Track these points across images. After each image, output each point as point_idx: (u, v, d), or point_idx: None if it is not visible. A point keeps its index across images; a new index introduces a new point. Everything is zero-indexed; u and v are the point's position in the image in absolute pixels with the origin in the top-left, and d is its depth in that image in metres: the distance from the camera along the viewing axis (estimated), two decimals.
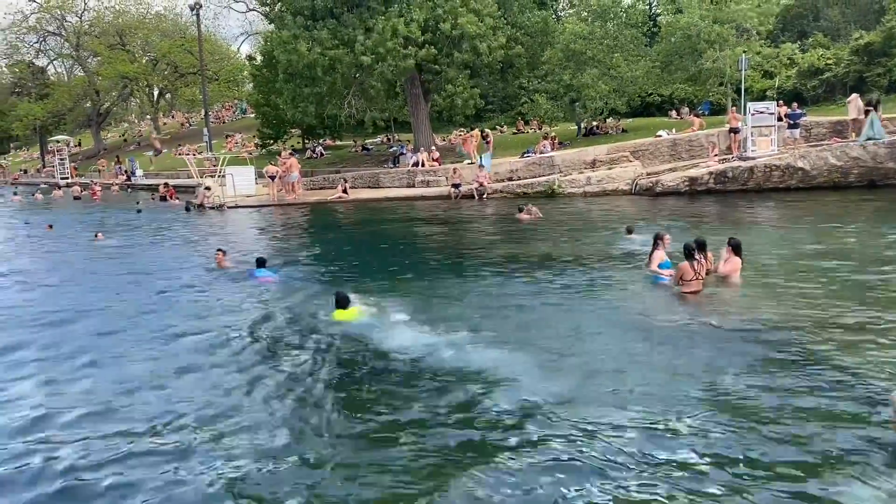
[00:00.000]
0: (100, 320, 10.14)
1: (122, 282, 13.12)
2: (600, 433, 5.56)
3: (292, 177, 29.10)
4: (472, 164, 27.83)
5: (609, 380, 6.72)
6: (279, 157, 32.38)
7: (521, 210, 18.84)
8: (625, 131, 32.62)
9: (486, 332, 8.41)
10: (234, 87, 62.52)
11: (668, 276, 10.20)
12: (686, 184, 22.22)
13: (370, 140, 44.92)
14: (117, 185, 44.78)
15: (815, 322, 8.11)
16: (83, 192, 38.95)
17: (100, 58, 62.54)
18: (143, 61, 63.36)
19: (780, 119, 23.38)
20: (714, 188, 21.86)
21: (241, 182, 29.95)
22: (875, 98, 22.33)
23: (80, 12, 64.10)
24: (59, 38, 65.65)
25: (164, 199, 32.24)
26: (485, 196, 24.91)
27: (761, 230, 15.40)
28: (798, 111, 24.64)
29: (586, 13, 32.64)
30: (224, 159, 32.13)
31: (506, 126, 42.70)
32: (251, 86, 52.55)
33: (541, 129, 37.48)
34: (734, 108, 26.30)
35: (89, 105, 66.18)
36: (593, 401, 6.26)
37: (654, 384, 6.53)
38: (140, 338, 9.03)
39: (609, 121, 33.96)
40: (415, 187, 28.21)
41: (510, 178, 26.53)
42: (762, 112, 22.41)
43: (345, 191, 27.45)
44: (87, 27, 64.25)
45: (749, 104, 23.17)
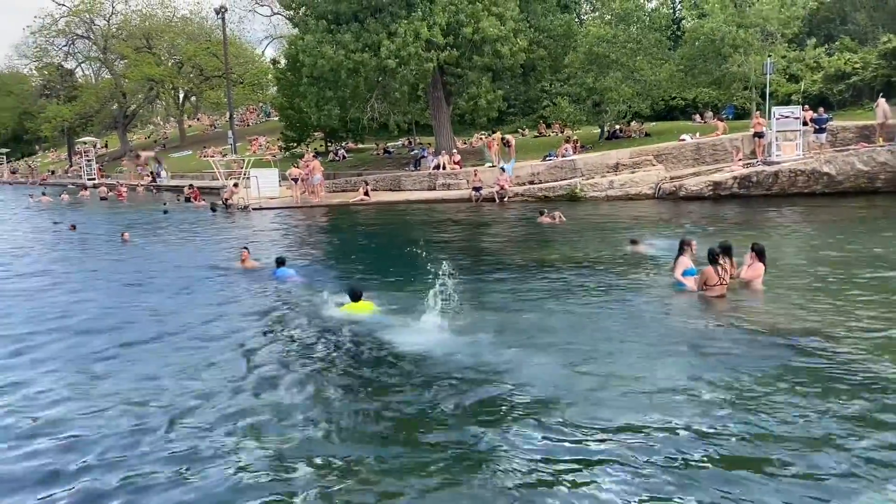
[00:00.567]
0: (124, 317, 10.28)
1: (146, 280, 13.32)
2: (620, 434, 5.55)
3: (315, 179, 29.34)
4: (493, 167, 27.86)
5: (629, 382, 6.69)
6: (301, 159, 32.66)
7: (543, 213, 18.83)
8: (648, 135, 32.45)
9: (507, 334, 8.41)
10: (259, 90, 63.16)
11: (690, 284, 10.07)
12: (710, 188, 22.08)
13: (392, 143, 45.10)
14: (143, 186, 45.43)
15: (839, 328, 8.03)
16: (109, 193, 39.51)
17: (126, 60, 63.52)
18: (169, 64, 64.18)
19: (805, 124, 23.16)
20: (738, 193, 21.70)
21: (265, 184, 30.31)
22: None
23: (107, 16, 65.19)
24: (87, 41, 66.81)
25: (188, 200, 32.64)
26: (506, 199, 24.91)
27: (785, 235, 15.25)
28: (824, 116, 24.40)
29: (609, 16, 32.53)
30: (248, 162, 32.51)
31: (527, 129, 42.66)
32: (275, 89, 53.02)
33: (562, 132, 37.40)
34: (759, 113, 26.08)
35: (116, 107, 67.20)
36: (613, 403, 6.23)
37: (675, 388, 6.50)
38: (160, 334, 9.18)
39: (632, 124, 33.81)
40: (436, 190, 28.29)
41: (531, 182, 26.52)
42: (787, 116, 22.23)
43: (366, 193, 27.60)
44: (114, 30, 65.31)
45: (774, 108, 22.98)
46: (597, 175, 25.30)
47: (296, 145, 44.86)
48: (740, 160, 23.82)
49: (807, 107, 25.48)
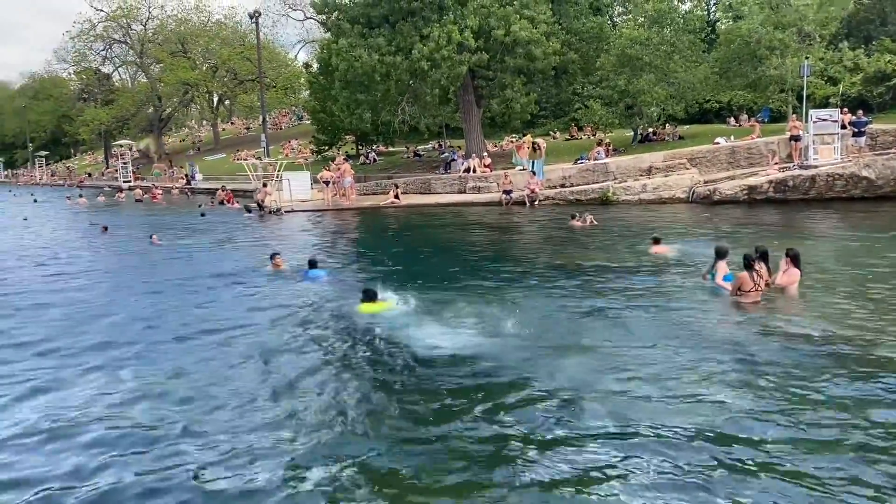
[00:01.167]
0: (152, 315, 10.48)
1: (177, 281, 13.48)
2: (646, 437, 5.49)
3: (346, 182, 29.53)
4: (523, 170, 27.77)
5: (660, 386, 6.61)
6: (333, 162, 32.89)
7: (574, 217, 18.71)
8: (681, 138, 32.07)
9: (536, 336, 8.36)
10: (291, 94, 63.86)
11: (729, 290, 9.95)
12: (745, 192, 21.75)
13: (422, 146, 45.22)
14: (177, 188, 46.15)
15: (876, 335, 7.84)
16: (144, 196, 40.20)
17: (162, 65, 64.72)
18: (204, 68, 65.19)
19: (843, 127, 22.71)
20: (774, 197, 21.34)
21: (297, 187, 30.65)
22: None
23: (144, 21, 66.51)
24: (124, 45, 68.22)
25: (222, 202, 33.06)
26: (536, 203, 24.80)
27: (822, 241, 14.96)
28: (863, 119, 23.87)
29: (642, 18, 32.23)
30: (281, 165, 32.86)
31: (559, 132, 42.47)
32: (307, 93, 53.54)
33: (594, 135, 37.15)
34: (795, 116, 25.63)
35: (151, 110, 68.46)
36: (642, 406, 6.16)
37: (703, 393, 6.41)
38: (188, 333, 9.32)
39: (666, 127, 33.45)
40: (466, 193, 28.27)
41: (562, 185, 26.37)
42: (824, 120, 21.82)
43: (397, 196, 27.70)
44: (150, 35, 66.59)
45: (811, 111, 22.57)
46: (629, 178, 25.06)
47: (327, 148, 45.24)
48: (776, 164, 23.42)
49: (845, 109, 24.97)
